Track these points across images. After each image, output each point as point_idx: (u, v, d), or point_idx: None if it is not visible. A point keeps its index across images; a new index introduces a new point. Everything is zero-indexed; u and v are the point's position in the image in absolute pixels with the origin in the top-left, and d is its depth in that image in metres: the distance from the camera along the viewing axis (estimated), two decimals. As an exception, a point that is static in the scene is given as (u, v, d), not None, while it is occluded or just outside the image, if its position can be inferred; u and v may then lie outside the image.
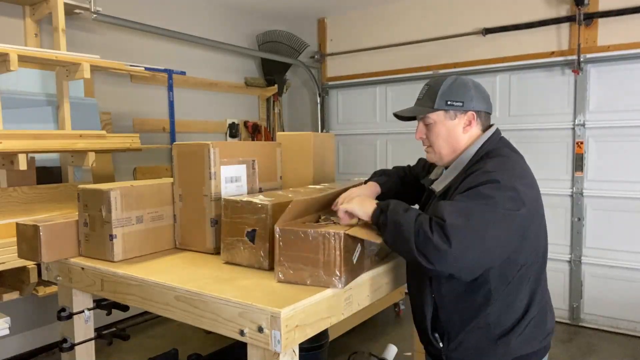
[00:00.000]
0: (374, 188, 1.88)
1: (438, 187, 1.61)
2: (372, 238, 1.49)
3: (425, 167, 1.93)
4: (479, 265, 1.38)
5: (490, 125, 1.64)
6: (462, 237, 1.29)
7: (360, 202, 1.53)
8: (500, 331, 1.47)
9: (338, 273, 1.43)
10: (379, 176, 1.96)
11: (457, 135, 1.59)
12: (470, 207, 1.34)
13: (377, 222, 1.46)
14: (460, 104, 1.57)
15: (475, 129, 1.60)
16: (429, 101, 1.60)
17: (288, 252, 1.48)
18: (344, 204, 1.54)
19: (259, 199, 1.71)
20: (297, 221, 1.62)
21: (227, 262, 1.75)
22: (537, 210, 1.47)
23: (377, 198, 1.85)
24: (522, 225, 1.39)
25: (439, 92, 1.58)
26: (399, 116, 1.70)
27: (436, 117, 1.60)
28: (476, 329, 1.48)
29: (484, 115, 1.62)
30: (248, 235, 1.68)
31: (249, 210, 1.68)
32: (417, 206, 1.84)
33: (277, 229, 1.51)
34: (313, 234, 1.46)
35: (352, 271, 1.50)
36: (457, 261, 1.31)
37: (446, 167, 1.65)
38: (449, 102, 1.57)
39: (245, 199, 1.72)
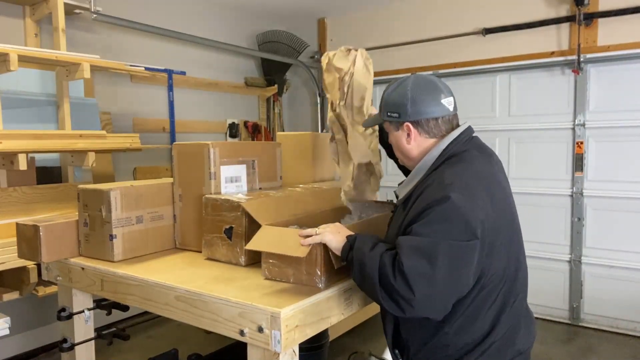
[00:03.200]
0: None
1: (401, 193, 1.52)
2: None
3: None
4: (449, 303, 1.31)
5: (455, 127, 1.49)
6: (425, 284, 1.23)
7: (334, 234, 1.43)
8: (458, 352, 1.40)
9: (319, 272, 1.43)
10: None
11: (402, 145, 1.50)
12: (428, 244, 1.25)
13: (347, 258, 1.40)
14: (396, 115, 1.47)
15: (420, 139, 1.47)
16: (380, 110, 1.56)
17: None
18: (318, 236, 1.42)
19: (236, 197, 1.73)
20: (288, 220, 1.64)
21: (208, 259, 1.78)
22: (501, 224, 1.36)
23: None
24: (486, 244, 1.30)
25: (382, 101, 1.52)
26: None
27: (387, 126, 1.55)
28: (435, 348, 1.42)
29: (427, 122, 1.45)
30: (226, 232, 1.71)
31: (226, 208, 1.71)
32: None
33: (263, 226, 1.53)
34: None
35: (336, 272, 1.49)
36: (425, 307, 1.27)
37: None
38: (388, 114, 1.49)
39: (223, 197, 1.74)
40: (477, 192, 1.32)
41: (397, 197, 1.59)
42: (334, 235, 1.43)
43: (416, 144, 1.48)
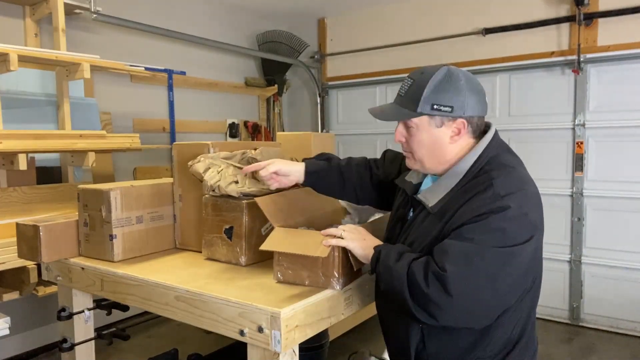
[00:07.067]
0: (297, 167, 1.62)
1: (430, 200, 1.33)
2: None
3: (394, 161, 1.68)
4: (494, 311, 1.22)
5: (486, 129, 1.39)
6: (466, 284, 1.15)
7: (359, 241, 1.37)
8: (499, 355, 1.33)
9: (336, 274, 1.42)
10: (318, 159, 1.71)
11: (442, 145, 1.32)
12: (478, 250, 1.17)
13: (375, 269, 1.32)
14: (449, 109, 1.28)
15: (465, 138, 1.33)
16: (410, 102, 1.31)
17: None
18: (343, 240, 1.36)
19: (243, 194, 1.72)
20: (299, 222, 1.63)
21: (208, 259, 1.77)
22: (543, 229, 1.30)
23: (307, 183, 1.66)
24: (534, 250, 1.24)
25: (424, 92, 1.28)
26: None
27: (419, 121, 1.32)
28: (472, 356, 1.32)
29: (477, 121, 1.34)
30: (226, 232, 1.70)
31: (227, 207, 1.70)
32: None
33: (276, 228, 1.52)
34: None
35: (351, 273, 1.49)
36: (464, 311, 1.18)
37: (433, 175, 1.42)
38: (435, 106, 1.28)
39: (223, 197, 1.72)
40: (530, 198, 1.27)
41: (409, 195, 1.47)
42: (360, 243, 1.37)
43: (460, 143, 1.33)
